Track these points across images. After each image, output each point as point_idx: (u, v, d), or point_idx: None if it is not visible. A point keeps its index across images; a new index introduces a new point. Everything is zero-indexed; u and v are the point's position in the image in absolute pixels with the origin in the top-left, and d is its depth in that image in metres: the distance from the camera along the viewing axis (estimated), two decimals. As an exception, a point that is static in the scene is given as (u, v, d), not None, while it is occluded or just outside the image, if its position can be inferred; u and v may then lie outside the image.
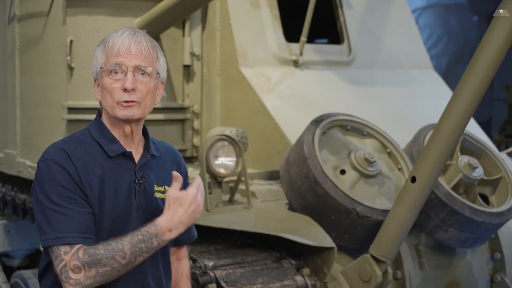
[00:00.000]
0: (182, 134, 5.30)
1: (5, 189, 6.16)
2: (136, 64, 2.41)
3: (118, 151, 2.46)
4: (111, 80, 2.41)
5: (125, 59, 2.40)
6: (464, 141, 4.50)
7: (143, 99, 2.43)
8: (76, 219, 2.32)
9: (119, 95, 2.40)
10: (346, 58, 5.66)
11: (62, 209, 2.32)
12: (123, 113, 2.41)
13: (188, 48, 5.23)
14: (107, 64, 2.42)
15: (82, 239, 2.31)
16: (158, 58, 2.50)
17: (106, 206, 2.39)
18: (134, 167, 2.48)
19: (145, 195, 2.48)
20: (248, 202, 4.13)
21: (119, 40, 2.42)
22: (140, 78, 2.42)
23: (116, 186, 2.42)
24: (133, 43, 2.42)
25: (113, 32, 2.47)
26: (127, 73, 2.40)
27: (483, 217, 4.04)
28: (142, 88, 2.42)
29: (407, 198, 3.57)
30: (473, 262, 4.41)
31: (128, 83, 2.38)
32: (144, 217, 2.45)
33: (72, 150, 2.41)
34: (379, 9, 6.04)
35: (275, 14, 5.44)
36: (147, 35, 2.50)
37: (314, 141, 4.07)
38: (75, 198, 2.34)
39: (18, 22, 5.23)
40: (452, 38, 15.98)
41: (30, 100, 5.21)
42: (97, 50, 2.48)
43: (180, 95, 5.27)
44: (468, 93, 3.30)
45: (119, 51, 2.41)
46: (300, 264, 3.88)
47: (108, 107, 2.43)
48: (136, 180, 2.47)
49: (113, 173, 2.44)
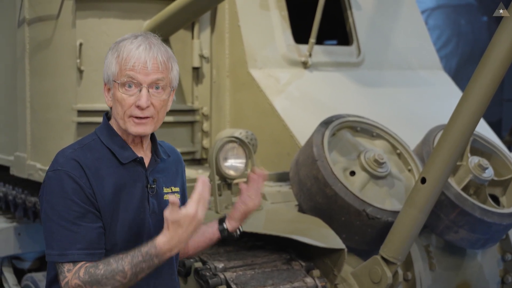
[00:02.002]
0: (192, 136, 5.30)
1: (16, 191, 6.18)
2: (151, 80, 2.37)
3: (130, 157, 2.44)
4: (124, 94, 2.37)
5: (140, 75, 2.35)
6: (474, 141, 4.49)
7: (156, 113, 2.40)
8: (82, 236, 2.31)
9: (131, 110, 2.37)
10: (355, 59, 5.65)
11: (68, 224, 2.31)
12: (135, 129, 2.39)
13: (197, 50, 5.23)
14: (120, 77, 2.37)
15: (86, 256, 2.30)
16: (172, 69, 2.44)
17: (120, 214, 2.38)
18: (145, 172, 2.46)
19: (157, 199, 2.48)
20: (257, 204, 4.13)
21: (135, 54, 2.35)
22: (155, 93, 2.38)
23: (129, 192, 2.40)
24: (149, 59, 2.36)
25: (128, 40, 2.40)
26: (141, 89, 2.36)
27: (493, 218, 4.02)
28: (157, 103, 2.39)
29: (417, 199, 3.56)
30: (484, 263, 4.40)
31: (142, 101, 2.35)
32: (157, 222, 2.43)
33: (83, 159, 2.38)
34: (388, 10, 6.03)
35: (284, 15, 5.44)
36: (162, 46, 2.44)
37: (324, 142, 4.07)
38: (84, 213, 2.32)
39: (28, 25, 5.24)
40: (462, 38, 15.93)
41: (40, 103, 5.22)
42: (109, 56, 2.42)
43: (190, 97, 5.28)
44: (478, 93, 3.29)
45: (134, 66, 2.35)
46: (310, 266, 3.88)
47: (119, 119, 2.40)
48: (149, 185, 2.46)
49: (126, 180, 2.42)
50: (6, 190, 6.40)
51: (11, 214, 6.59)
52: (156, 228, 2.41)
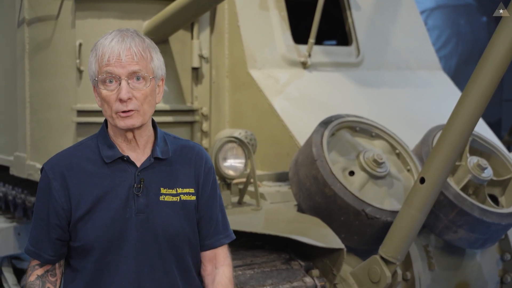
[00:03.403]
0: (191, 136, 5.30)
1: (15, 191, 6.18)
2: (129, 72, 2.34)
3: (113, 156, 2.42)
4: (106, 90, 2.35)
5: (116, 68, 2.33)
6: (473, 141, 4.50)
7: (141, 105, 2.36)
8: (37, 234, 2.48)
9: (116, 106, 2.34)
10: (354, 60, 5.66)
11: (34, 219, 2.49)
12: (123, 123, 2.36)
13: (196, 50, 5.23)
14: (99, 74, 2.35)
15: (34, 254, 2.48)
16: (152, 58, 2.40)
17: (99, 212, 2.38)
18: (135, 171, 2.43)
19: (147, 199, 2.42)
20: (257, 203, 4.14)
21: (108, 48, 2.34)
22: (136, 85, 2.35)
23: (113, 191, 2.39)
24: (122, 50, 2.34)
25: (103, 38, 2.40)
26: (120, 82, 2.33)
27: (492, 218, 4.03)
28: (139, 95, 2.35)
29: (416, 199, 3.56)
30: (483, 263, 4.41)
31: (122, 94, 2.32)
32: (146, 222, 2.40)
33: (69, 158, 2.45)
34: (388, 10, 6.04)
35: (283, 16, 5.44)
36: (137, 36, 2.40)
37: (323, 142, 4.07)
38: (44, 218, 2.44)
39: (27, 25, 5.25)
40: (461, 39, 15.93)
41: (39, 103, 5.22)
42: (90, 57, 2.41)
43: (189, 98, 5.28)
44: (477, 93, 3.29)
45: (109, 60, 2.33)
46: (310, 266, 3.88)
47: (108, 117, 2.39)
48: (135, 184, 2.42)
49: (111, 179, 2.41)
50: (6, 190, 6.41)
51: (11, 214, 6.59)
52: (141, 229, 2.39)
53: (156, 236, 2.42)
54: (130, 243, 2.38)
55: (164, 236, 2.43)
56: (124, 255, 2.38)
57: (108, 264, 2.38)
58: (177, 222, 2.45)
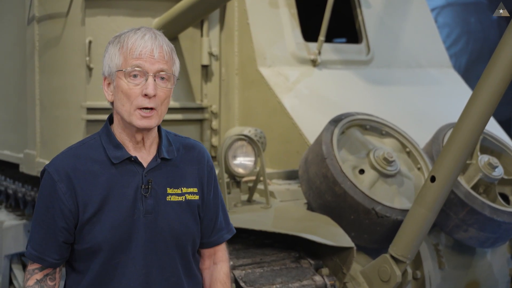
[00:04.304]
0: (201, 134, 5.30)
1: (25, 189, 6.20)
2: (157, 69, 2.33)
3: (122, 157, 2.40)
4: (130, 83, 2.33)
5: (147, 63, 2.32)
6: (484, 140, 4.48)
7: (160, 105, 2.36)
8: (40, 238, 2.42)
9: (138, 100, 2.33)
10: (364, 57, 5.65)
11: (36, 222, 2.43)
12: (141, 123, 2.34)
13: (206, 48, 5.23)
14: (125, 66, 2.33)
15: (37, 258, 2.42)
16: (174, 61, 2.41)
17: (106, 213, 2.36)
18: (143, 171, 2.42)
19: (155, 200, 2.42)
20: (266, 202, 4.13)
21: (140, 42, 2.33)
22: (160, 84, 2.34)
23: (120, 192, 2.37)
24: (156, 47, 2.34)
25: (130, 32, 2.39)
26: (147, 78, 2.32)
27: (503, 217, 4.01)
28: (161, 94, 2.35)
29: (426, 198, 3.55)
30: (493, 262, 4.39)
31: (150, 89, 2.31)
32: (153, 223, 2.40)
33: (73, 159, 2.40)
34: (398, 8, 6.02)
35: (293, 13, 5.43)
36: (166, 38, 2.42)
37: (333, 140, 4.06)
38: (49, 220, 2.38)
39: (37, 23, 5.26)
40: (472, 36, 15.87)
41: (49, 101, 5.23)
42: (111, 49, 2.39)
43: (199, 95, 5.28)
44: (487, 91, 3.27)
45: (140, 54, 2.32)
46: (319, 264, 3.88)
47: (125, 112, 2.36)
48: (143, 185, 2.41)
49: (118, 180, 2.39)
50: (16, 188, 6.43)
51: (21, 212, 6.61)
52: (149, 229, 2.38)
53: (164, 236, 2.42)
54: (138, 244, 2.37)
55: (171, 236, 2.43)
56: (132, 256, 2.36)
57: (116, 265, 2.36)
58: (183, 222, 2.46)
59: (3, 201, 7.01)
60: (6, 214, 6.71)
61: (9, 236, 6.36)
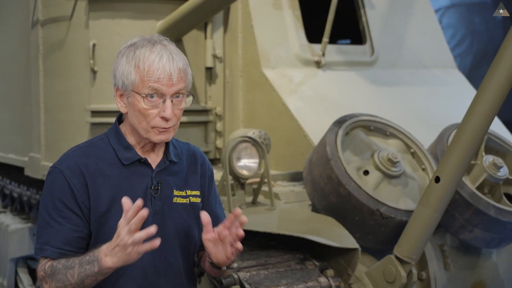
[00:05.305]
0: (205, 136, 5.31)
1: (30, 192, 6.21)
2: (175, 91, 2.35)
3: (132, 158, 2.43)
4: (147, 105, 2.34)
5: (165, 87, 2.33)
6: (488, 140, 4.47)
7: (177, 121, 2.40)
8: (60, 234, 2.36)
9: (156, 121, 2.35)
10: (368, 59, 5.64)
11: (51, 221, 2.36)
12: (159, 138, 2.38)
13: (210, 50, 5.23)
14: (142, 87, 2.33)
15: (59, 255, 2.35)
16: (187, 74, 2.42)
17: (116, 213, 2.35)
18: (152, 173, 2.45)
19: (163, 201, 2.45)
20: (271, 203, 4.13)
21: (159, 66, 2.32)
22: (176, 102, 2.37)
23: (130, 193, 2.37)
24: (174, 71, 2.34)
25: (146, 49, 2.35)
26: (165, 100, 2.34)
27: (508, 217, 4.00)
28: (177, 111, 2.38)
29: (431, 199, 3.54)
30: (499, 263, 4.38)
31: (168, 113, 2.33)
32: (162, 223, 2.42)
33: (84, 158, 2.41)
34: (402, 8, 6.02)
35: (297, 15, 5.43)
36: (179, 52, 2.42)
37: (337, 142, 4.06)
38: (66, 213, 2.36)
39: (41, 26, 5.26)
40: (476, 37, 15.85)
41: (53, 104, 5.24)
42: (125, 65, 2.36)
43: (203, 97, 5.28)
44: (492, 91, 3.26)
45: (159, 79, 2.31)
46: (324, 266, 3.87)
47: (141, 129, 2.38)
48: (153, 186, 2.44)
49: (127, 180, 2.42)
50: (21, 191, 6.44)
51: (26, 215, 6.62)
52: (157, 230, 2.36)
53: (171, 237, 2.46)
54: None
55: (177, 237, 2.48)
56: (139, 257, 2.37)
57: (123, 265, 2.37)
58: (187, 224, 2.51)
59: (8, 204, 7.02)
60: (12, 217, 6.71)
61: (14, 239, 6.36)
